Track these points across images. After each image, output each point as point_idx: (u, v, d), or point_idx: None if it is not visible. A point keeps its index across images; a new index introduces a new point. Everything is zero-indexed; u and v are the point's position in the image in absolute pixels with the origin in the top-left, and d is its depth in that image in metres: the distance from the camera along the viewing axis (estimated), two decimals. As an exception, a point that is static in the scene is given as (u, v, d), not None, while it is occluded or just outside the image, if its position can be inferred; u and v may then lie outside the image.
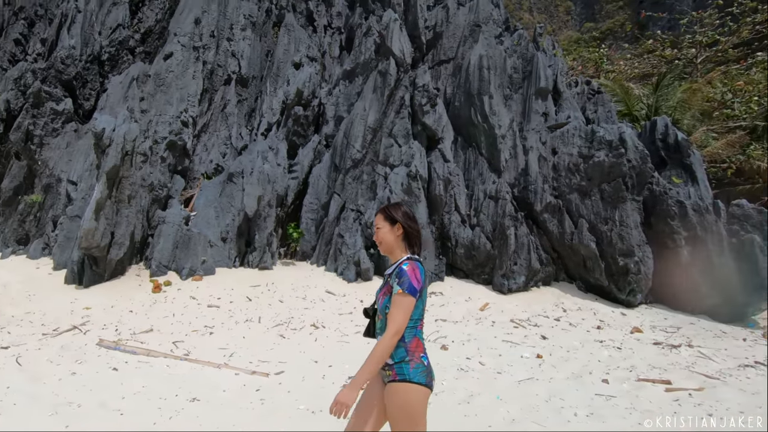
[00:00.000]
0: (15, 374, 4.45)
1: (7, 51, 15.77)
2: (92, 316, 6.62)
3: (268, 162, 10.56)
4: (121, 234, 8.37)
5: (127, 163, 8.72)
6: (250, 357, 5.47)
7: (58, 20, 13.35)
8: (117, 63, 12.62)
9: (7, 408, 3.70)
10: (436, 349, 6.00)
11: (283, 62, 13.07)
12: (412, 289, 2.08)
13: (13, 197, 10.15)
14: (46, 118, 10.51)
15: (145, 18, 14.20)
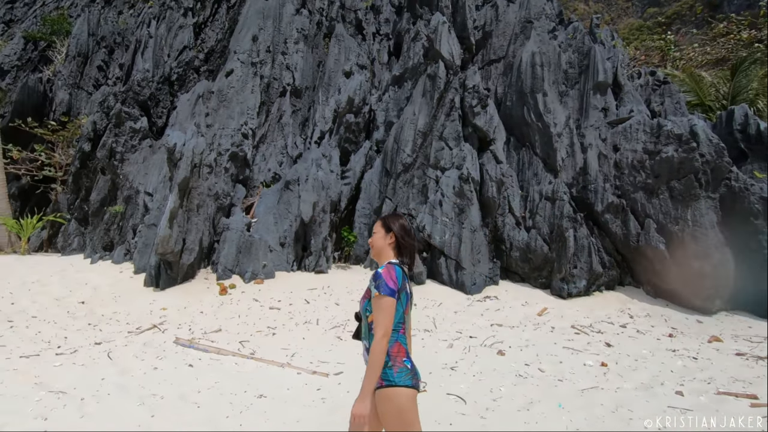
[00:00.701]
0: (107, 367, 4.97)
1: (92, 77, 17.60)
2: (168, 316, 7.22)
3: (321, 169, 10.93)
4: (191, 240, 9.04)
5: (195, 175, 9.41)
6: (310, 357, 5.71)
7: (133, 46, 14.70)
8: (184, 82, 13.67)
9: (104, 397, 4.15)
10: (492, 354, 5.92)
11: (334, 72, 13.48)
12: (388, 290, 2.15)
13: (99, 208, 11.30)
14: (126, 136, 11.60)
15: (207, 38, 15.27)
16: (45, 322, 6.57)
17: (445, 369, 5.34)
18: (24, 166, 14.35)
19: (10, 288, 7.87)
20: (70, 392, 4.23)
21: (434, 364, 5.54)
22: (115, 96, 12.28)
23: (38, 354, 5.28)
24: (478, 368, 5.36)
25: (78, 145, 12.47)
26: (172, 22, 14.96)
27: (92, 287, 8.31)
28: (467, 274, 9.10)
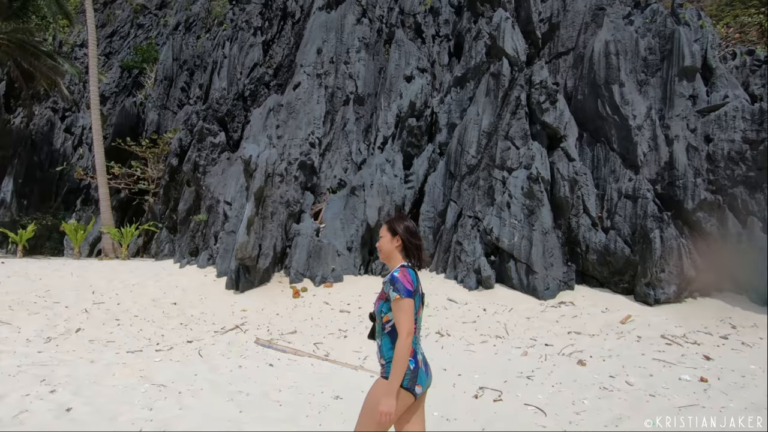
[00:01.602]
0: (199, 364, 5.41)
1: (176, 98, 19.34)
2: (248, 317, 7.70)
3: (385, 174, 11.07)
4: (266, 246, 9.59)
5: (269, 184, 9.98)
6: (382, 361, 5.77)
7: (210, 67, 15.94)
8: (256, 97, 14.56)
9: (198, 392, 4.52)
10: (572, 364, 5.59)
11: (395, 77, 13.61)
12: (407, 292, 2.19)
13: (186, 217, 12.37)
14: (207, 150, 12.61)
15: (275, 54, 16.15)
16: (145, 321, 7.31)
17: (521, 378, 5.14)
18: (123, 180, 16.12)
19: (116, 290, 8.87)
20: (169, 386, 4.66)
21: (508, 371, 5.36)
22: (197, 114, 13.40)
23: (141, 350, 5.89)
24: (556, 378, 5.09)
25: (167, 160, 13.75)
26: (243, 42, 16.03)
27: (182, 289, 9.11)
28: (539, 278, 8.70)
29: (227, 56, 15.78)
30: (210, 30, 24.90)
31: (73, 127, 21.08)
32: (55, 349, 5.71)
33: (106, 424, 3.73)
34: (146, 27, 31.66)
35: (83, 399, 4.21)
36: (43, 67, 19.30)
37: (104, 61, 28.91)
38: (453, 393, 4.75)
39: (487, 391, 4.73)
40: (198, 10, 28.56)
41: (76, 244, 13.86)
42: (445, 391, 4.78)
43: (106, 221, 14.38)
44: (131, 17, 32.17)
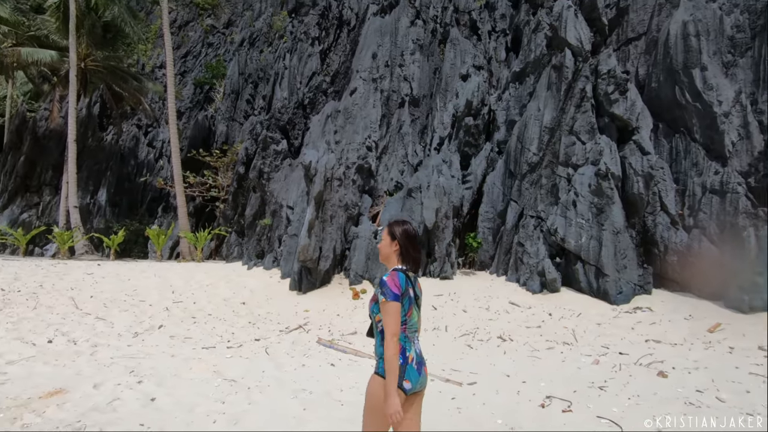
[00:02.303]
0: (266, 362, 5.68)
1: (242, 110, 20.53)
2: (310, 318, 7.96)
3: (442, 175, 10.94)
4: (326, 248, 9.86)
5: (328, 188, 10.27)
6: (442, 365, 5.69)
7: (272, 79, 16.76)
8: (315, 105, 15.07)
9: (265, 388, 4.75)
10: (650, 375, 5.14)
11: (451, 77, 13.43)
12: (393, 296, 2.27)
13: (252, 222, 13.09)
14: (270, 157, 13.25)
15: (332, 62, 16.61)
16: (218, 319, 7.83)
17: (592, 388, 4.81)
18: (197, 188, 17.42)
19: (192, 290, 9.59)
20: (239, 381, 4.94)
21: (577, 380, 5.04)
22: (260, 124, 14.15)
23: (214, 346, 6.30)
24: (633, 390, 4.71)
25: (235, 168, 14.65)
26: (302, 53, 16.67)
27: (249, 290, 9.63)
28: (611, 281, 8.12)
29: (287, 67, 16.50)
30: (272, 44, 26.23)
31: (155, 141, 23.18)
32: (141, 344, 6.28)
33: (185, 415, 4.02)
34: (215, 45, 34.04)
35: (165, 390, 4.58)
36: (129, 88, 21.45)
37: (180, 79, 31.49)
38: (517, 401, 4.56)
39: (555, 401, 4.48)
40: (261, 25, 30.20)
41: (158, 247, 15.19)
42: (508, 399, 4.60)
43: (183, 226, 15.61)
44: (202, 37, 34.77)
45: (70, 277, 10.46)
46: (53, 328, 6.77)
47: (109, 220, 19.62)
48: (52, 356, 5.51)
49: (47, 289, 9.39)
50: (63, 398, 4.26)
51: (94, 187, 20.65)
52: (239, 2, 37.14)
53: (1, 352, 5.58)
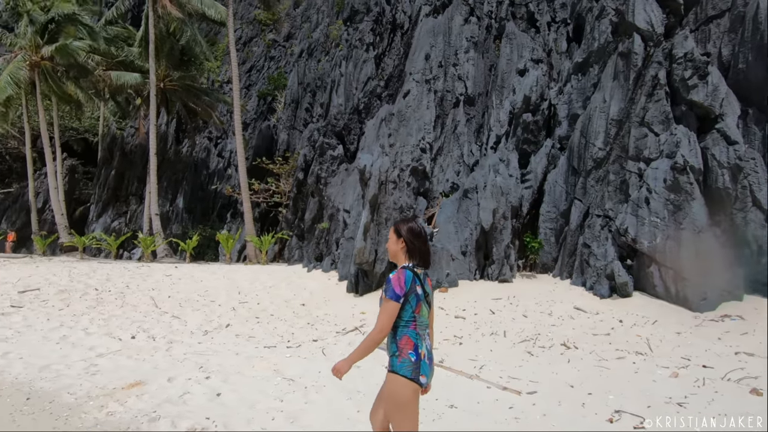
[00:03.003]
0: (323, 362, 5.82)
1: (301, 118, 21.35)
2: (367, 320, 8.05)
3: (499, 174, 10.60)
4: (382, 251, 9.94)
5: (382, 191, 10.36)
6: (500, 371, 5.49)
7: (329, 86, 17.25)
8: (370, 109, 15.30)
9: (321, 388, 4.87)
10: (742, 392, 4.57)
11: (507, 73, 12.99)
12: (393, 295, 2.30)
13: (311, 226, 13.56)
14: (327, 163, 13.65)
15: (386, 67, 16.76)
16: (279, 320, 8.18)
17: (670, 404, 4.37)
18: (261, 195, 18.40)
19: (256, 291, 10.12)
20: (297, 380, 5.11)
21: (652, 395, 4.61)
22: (318, 131, 14.63)
23: (275, 346, 6.59)
24: (719, 408, 4.21)
25: (294, 174, 15.27)
26: (357, 59, 17.01)
27: (309, 292, 9.97)
28: (692, 286, 7.36)
29: (343, 74, 16.92)
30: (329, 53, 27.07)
31: (224, 152, 24.84)
32: (210, 341, 6.73)
33: (246, 410, 4.24)
34: (276, 58, 35.80)
35: (230, 386, 4.86)
36: (202, 104, 23.21)
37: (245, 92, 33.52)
38: (582, 414, 4.26)
39: (625, 416, 4.13)
40: (318, 36, 31.30)
41: (227, 251, 16.24)
42: (572, 411, 4.32)
43: (249, 231, 16.55)
44: (264, 52, 36.75)
45: (151, 278, 11.50)
46: (136, 325, 7.48)
47: (186, 225, 21.33)
48: (134, 351, 6.08)
49: (132, 289, 10.39)
50: (142, 390, 4.67)
51: (173, 195, 22.57)
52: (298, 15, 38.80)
53: (94, 346, 6.26)
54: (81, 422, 3.90)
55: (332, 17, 32.73)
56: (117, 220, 22.25)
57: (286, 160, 18.66)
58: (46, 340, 6.52)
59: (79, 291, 10.06)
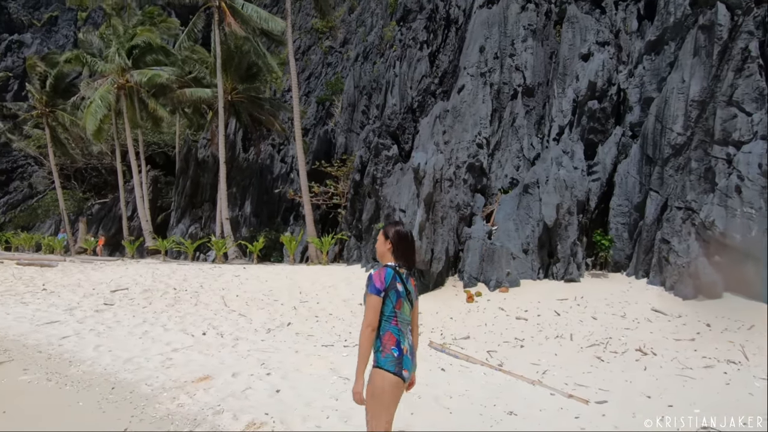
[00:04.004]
0: (378, 362, 5.82)
1: (358, 121, 21.69)
2: (423, 320, 7.93)
3: (563, 167, 9.96)
4: (438, 250, 9.77)
5: (437, 189, 10.18)
6: (565, 377, 5.13)
7: (384, 88, 17.35)
8: (424, 107, 15.15)
9: (375, 388, 4.86)
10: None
11: (569, 59, 12.21)
12: (374, 289, 2.45)
13: (369, 226, 13.69)
14: (382, 163, 13.71)
15: (440, 63, 16.50)
16: (337, 319, 8.33)
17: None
18: (321, 197, 18.96)
19: (316, 291, 10.41)
20: (352, 379, 5.14)
21: (748, 410, 4.04)
22: (372, 132, 14.76)
23: (333, 345, 6.71)
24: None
25: (351, 176, 15.54)
26: (411, 58, 16.93)
27: (367, 292, 10.05)
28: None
29: (398, 74, 16.93)
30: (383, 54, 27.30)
31: (286, 157, 25.95)
32: (272, 339, 7.01)
33: (303, 408, 4.33)
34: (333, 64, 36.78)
35: (289, 383, 5.01)
36: (265, 113, 24.45)
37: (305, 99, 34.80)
38: (662, 428, 3.84)
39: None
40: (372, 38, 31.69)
41: (291, 252, 16.92)
42: (649, 424, 3.91)
43: (310, 233, 17.12)
44: (322, 59, 37.91)
45: (222, 279, 12.28)
46: (207, 322, 8.00)
47: (253, 228, 22.57)
48: (204, 346, 6.50)
49: (206, 288, 11.16)
50: (209, 384, 4.96)
51: (241, 201, 24.00)
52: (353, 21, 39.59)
53: (170, 341, 6.79)
54: (155, 412, 4.22)
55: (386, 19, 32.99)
56: (194, 224, 24.10)
57: (344, 163, 19.06)
58: (131, 335, 7.19)
59: (160, 290, 11.01)
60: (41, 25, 42.90)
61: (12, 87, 34.94)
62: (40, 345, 6.62)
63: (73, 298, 10.39)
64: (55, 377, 5.18)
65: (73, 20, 43.32)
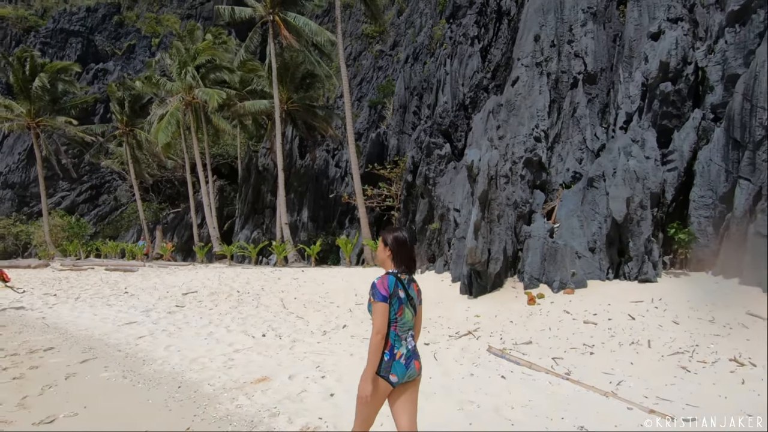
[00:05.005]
0: (434, 367, 5.62)
1: (410, 122, 21.57)
2: (481, 324, 7.60)
3: (632, 157, 9.13)
4: (495, 250, 9.35)
5: (493, 187, 9.76)
6: (643, 390, 4.60)
7: (435, 87, 17.07)
8: (476, 104, 14.69)
9: (431, 396, 4.66)
10: None
11: (636, 40, 11.22)
12: (381, 297, 2.52)
13: (422, 227, 13.49)
14: (435, 162, 13.45)
15: (492, 58, 15.94)
16: (392, 322, 8.22)
17: None
18: (375, 200, 19.05)
19: (371, 293, 10.38)
20: (407, 385, 4.99)
21: None
22: (423, 131, 14.55)
23: (387, 348, 6.59)
24: None
25: (403, 177, 15.42)
26: (462, 55, 16.52)
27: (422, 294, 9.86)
28: None
29: (449, 72, 16.58)
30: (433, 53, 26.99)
31: (340, 162, 26.44)
32: (328, 341, 7.05)
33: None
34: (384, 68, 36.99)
35: (343, 387, 4.97)
36: (319, 120, 25.11)
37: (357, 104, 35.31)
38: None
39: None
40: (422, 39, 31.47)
41: (347, 255, 17.14)
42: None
43: (365, 235, 17.23)
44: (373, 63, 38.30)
45: (281, 281, 12.67)
46: (267, 324, 8.24)
47: (311, 232, 23.20)
48: (263, 348, 6.67)
49: (266, 291, 11.57)
50: (266, 385, 5.05)
51: (299, 206, 24.79)
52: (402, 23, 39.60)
53: (232, 342, 7.05)
54: (215, 412, 4.34)
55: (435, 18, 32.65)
56: (256, 230, 25.27)
57: (396, 164, 19.02)
58: (197, 336, 7.58)
59: (225, 293, 11.58)
60: (122, 53, 47.50)
61: (99, 111, 38.90)
62: (119, 344, 7.16)
63: (150, 300, 11.23)
64: (130, 375, 5.54)
65: (148, 46, 47.48)
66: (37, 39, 44.44)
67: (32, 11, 51.41)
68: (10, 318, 9.62)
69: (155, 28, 50.90)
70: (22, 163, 38.01)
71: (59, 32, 44.87)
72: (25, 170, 37.79)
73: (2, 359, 6.27)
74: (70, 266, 20.02)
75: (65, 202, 37.76)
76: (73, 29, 45.85)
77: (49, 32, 44.82)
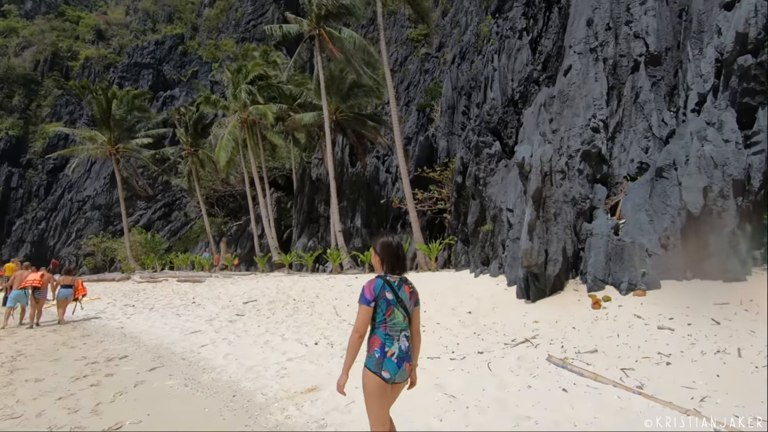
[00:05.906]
0: (488, 378, 5.32)
1: (458, 122, 21.13)
2: (540, 330, 7.13)
3: (708, 142, 8.18)
4: (553, 251, 8.77)
5: (547, 183, 9.19)
6: (733, 407, 4.01)
7: (483, 84, 16.57)
8: (527, 98, 14.04)
9: (484, 410, 4.39)
10: None
11: (705, 12, 10.11)
12: (364, 300, 2.80)
13: (475, 229, 13.05)
14: (484, 162, 13.00)
15: (542, 49, 15.19)
16: (444, 329, 7.97)
17: None
18: (426, 203, 18.81)
19: (424, 299, 10.14)
20: (458, 397, 4.75)
21: None
22: (472, 131, 14.13)
23: (439, 357, 6.37)
24: None
25: (453, 178, 15.07)
26: (510, 49, 15.92)
27: (476, 299, 9.49)
28: None
29: (496, 68, 16.04)
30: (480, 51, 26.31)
31: (390, 167, 26.50)
32: (378, 350, 6.95)
33: (403, 426, 4.09)
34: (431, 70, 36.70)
35: (392, 397, 4.83)
36: (368, 127, 25.39)
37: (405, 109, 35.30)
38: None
39: None
40: (468, 37, 30.84)
41: (399, 260, 17.02)
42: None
43: (417, 239, 17.04)
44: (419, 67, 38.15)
45: (335, 289, 12.83)
46: (320, 332, 8.33)
47: (364, 239, 23.40)
48: (315, 356, 6.72)
49: (321, 299, 11.76)
50: (316, 395, 5.05)
51: (351, 213, 25.14)
52: (447, 24, 39.11)
53: (286, 350, 7.19)
54: (266, 422, 4.39)
55: (481, 15, 31.86)
56: (312, 238, 25.98)
57: (446, 167, 18.67)
58: (255, 344, 7.83)
59: (282, 301, 11.93)
60: (186, 79, 51.40)
61: (168, 134, 42.30)
62: (184, 352, 7.57)
63: (214, 309, 11.84)
64: (191, 383, 5.81)
65: (209, 71, 50.98)
66: (116, 74, 49.40)
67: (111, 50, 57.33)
68: (94, 327, 10.58)
69: (215, 54, 54.57)
70: (106, 186, 42.29)
71: (133, 66, 49.54)
72: (108, 192, 41.98)
73: (84, 367, 6.85)
74: (148, 278, 21.79)
75: (143, 219, 41.39)
76: (145, 62, 50.44)
77: (125, 66, 49.64)
